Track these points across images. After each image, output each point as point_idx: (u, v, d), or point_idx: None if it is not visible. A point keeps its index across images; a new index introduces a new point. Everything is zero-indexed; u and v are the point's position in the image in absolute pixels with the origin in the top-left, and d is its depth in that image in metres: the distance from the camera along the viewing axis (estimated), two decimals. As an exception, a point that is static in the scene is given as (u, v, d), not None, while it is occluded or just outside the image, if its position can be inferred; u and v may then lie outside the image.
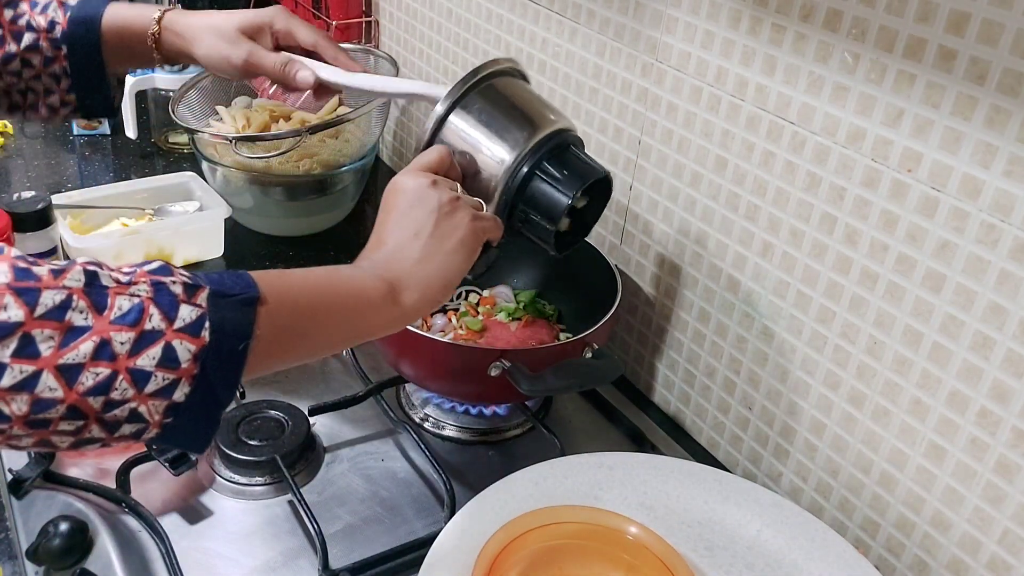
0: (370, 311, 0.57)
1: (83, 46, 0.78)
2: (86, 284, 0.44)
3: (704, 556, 0.71)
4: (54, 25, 0.77)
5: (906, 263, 0.67)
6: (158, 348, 0.45)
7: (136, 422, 0.45)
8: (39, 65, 0.78)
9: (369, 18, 1.42)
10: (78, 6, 0.78)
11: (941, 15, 0.61)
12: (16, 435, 0.43)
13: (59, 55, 0.78)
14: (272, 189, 1.17)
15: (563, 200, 0.67)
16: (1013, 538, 0.65)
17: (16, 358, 0.41)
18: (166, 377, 0.45)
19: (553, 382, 0.77)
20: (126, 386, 0.44)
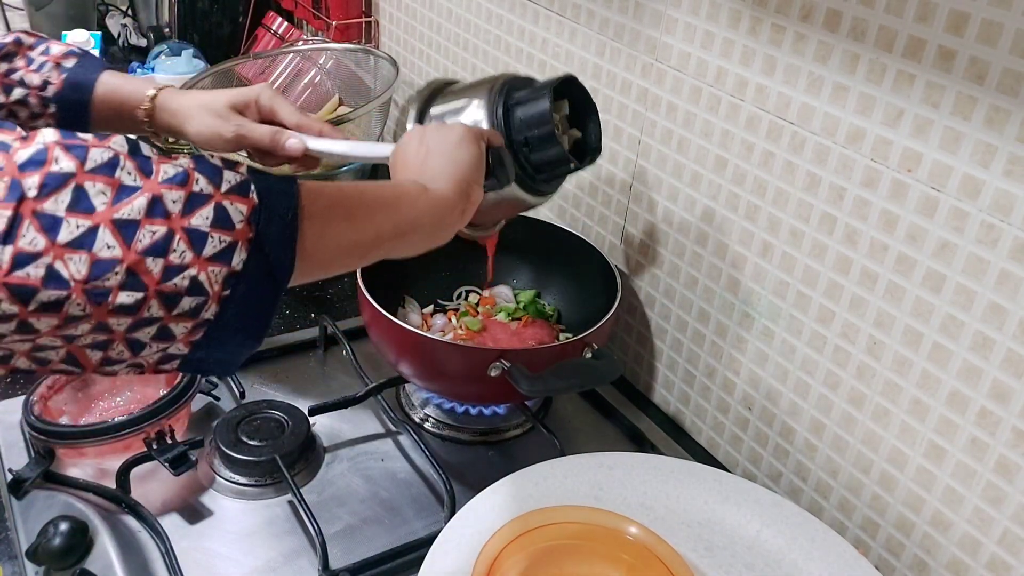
0: (407, 199, 0.59)
1: (73, 109, 0.80)
2: (130, 150, 0.44)
3: (704, 556, 0.71)
4: (47, 85, 0.79)
5: (906, 263, 0.67)
6: (209, 208, 0.44)
7: (196, 294, 0.44)
8: (24, 118, 0.80)
9: (369, 18, 1.42)
10: (74, 70, 0.80)
11: (940, 15, 0.61)
12: (73, 314, 0.42)
13: (46, 112, 0.80)
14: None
15: (544, 105, 0.72)
16: (1013, 538, 0.65)
17: (71, 212, 0.40)
18: (223, 239, 0.44)
19: (553, 382, 0.77)
20: (184, 247, 0.43)
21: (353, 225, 0.53)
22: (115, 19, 1.77)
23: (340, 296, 1.11)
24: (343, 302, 1.10)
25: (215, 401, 0.89)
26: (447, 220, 0.62)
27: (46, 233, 0.40)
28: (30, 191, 0.40)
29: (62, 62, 0.80)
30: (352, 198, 0.54)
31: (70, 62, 0.80)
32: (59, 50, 0.80)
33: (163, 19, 1.66)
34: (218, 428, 0.83)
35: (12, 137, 0.42)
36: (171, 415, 0.80)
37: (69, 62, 0.80)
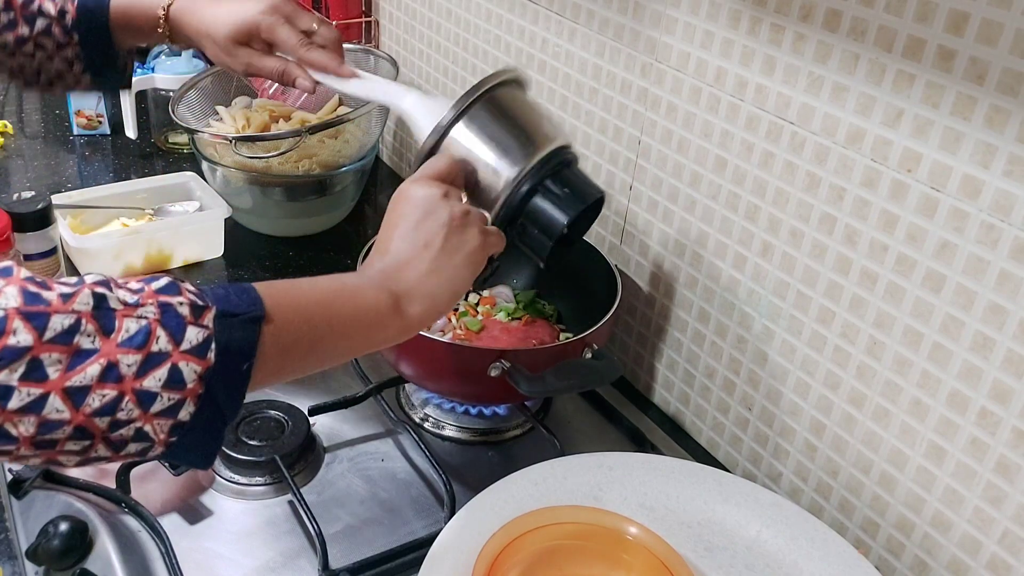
0: (376, 325, 0.57)
1: (93, 33, 0.80)
2: (94, 307, 0.44)
3: (704, 556, 0.71)
4: (64, 13, 0.79)
5: (906, 263, 0.67)
6: (164, 370, 0.45)
7: (141, 441, 0.46)
8: (52, 48, 0.80)
9: (369, 18, 1.42)
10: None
11: (940, 15, 0.61)
12: (23, 455, 0.44)
13: (71, 41, 0.80)
14: (272, 189, 1.17)
15: (562, 218, 0.69)
16: (1013, 538, 0.65)
17: (24, 381, 0.42)
18: (171, 397, 0.45)
19: (553, 383, 0.77)
20: (132, 406, 0.44)
21: (310, 356, 0.53)
22: None
23: (340, 296, 1.11)
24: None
25: (215, 401, 0.89)
26: (408, 337, 0.60)
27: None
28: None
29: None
30: (318, 330, 0.53)
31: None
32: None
33: (163, 19, 1.65)
34: (218, 428, 0.83)
35: None
36: (171, 415, 0.80)
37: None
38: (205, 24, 0.80)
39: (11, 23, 0.79)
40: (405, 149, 1.43)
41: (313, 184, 1.18)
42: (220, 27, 0.79)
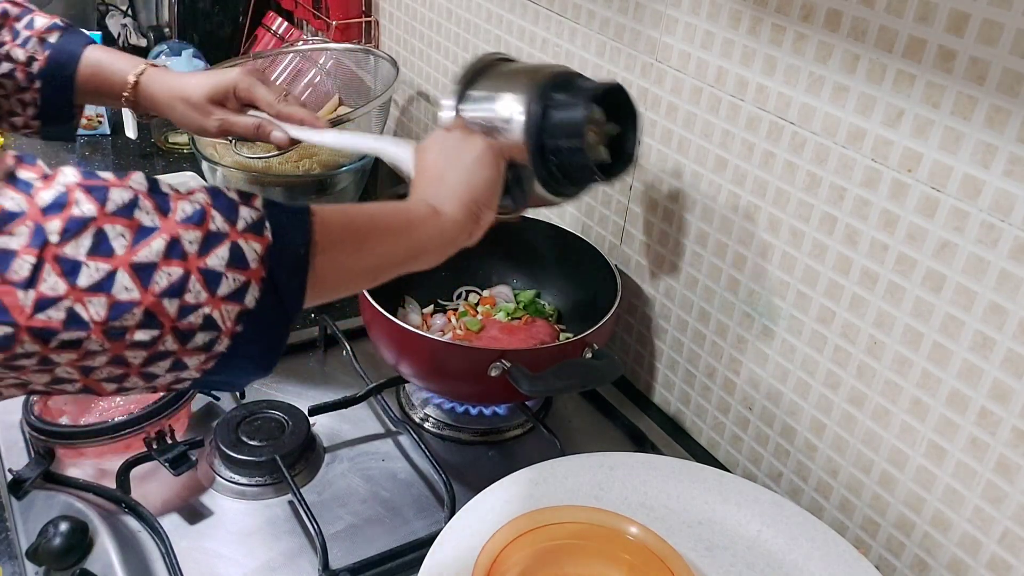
0: (417, 223, 0.60)
1: (57, 85, 0.81)
2: (150, 188, 0.45)
3: (704, 556, 0.71)
4: (32, 61, 0.79)
5: (906, 263, 0.67)
6: (225, 248, 0.45)
7: (209, 330, 0.45)
8: (10, 89, 0.80)
9: (369, 18, 1.42)
10: (58, 46, 0.80)
11: (941, 15, 0.61)
12: (92, 350, 0.43)
13: (32, 87, 0.80)
14: (272, 189, 1.17)
15: (579, 115, 0.70)
16: (1013, 538, 0.65)
17: (92, 256, 0.41)
18: (237, 279, 0.45)
19: (553, 382, 0.77)
20: (199, 288, 0.44)
21: (364, 253, 0.54)
22: (115, 19, 1.77)
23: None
24: (343, 302, 1.10)
25: (215, 401, 0.89)
26: (456, 242, 0.63)
27: (66, 277, 0.41)
28: (52, 236, 0.41)
29: (46, 37, 0.80)
30: (364, 227, 0.55)
31: (54, 37, 0.80)
32: (43, 23, 0.80)
33: (163, 19, 1.66)
34: (218, 428, 0.83)
35: (35, 175, 0.42)
36: (171, 415, 0.80)
37: (53, 37, 0.80)
38: (177, 88, 0.82)
39: None
40: (405, 149, 1.43)
41: (313, 184, 1.18)
42: (196, 88, 0.82)
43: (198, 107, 0.82)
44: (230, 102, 0.83)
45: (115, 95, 0.83)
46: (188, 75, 0.84)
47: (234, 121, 0.83)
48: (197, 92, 0.81)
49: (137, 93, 0.82)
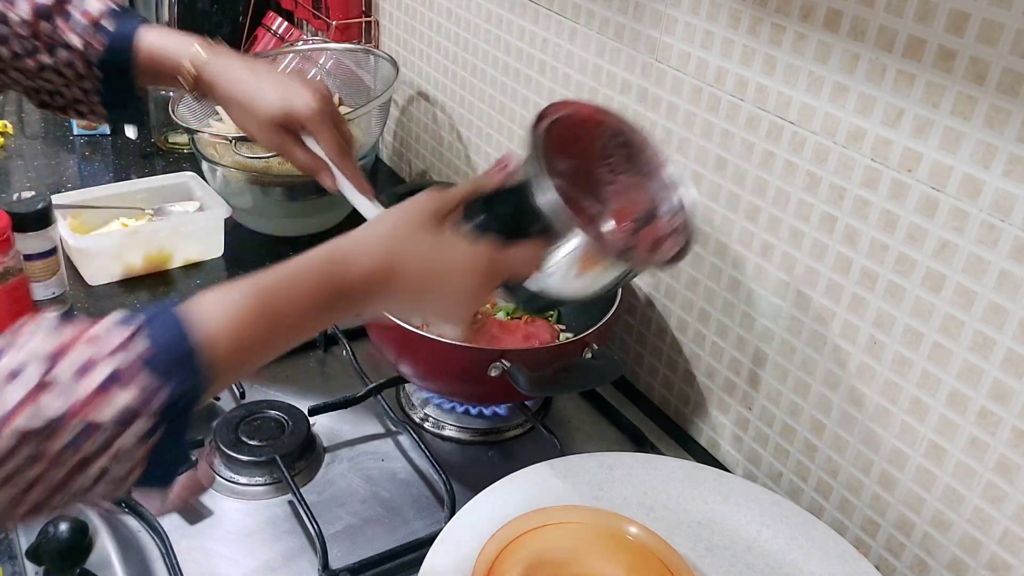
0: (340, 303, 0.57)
1: (117, 73, 0.79)
2: None
3: (704, 556, 0.71)
4: (89, 47, 0.78)
5: (906, 263, 0.67)
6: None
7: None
8: (72, 77, 0.79)
9: (369, 18, 1.42)
10: (115, 34, 0.78)
11: (941, 15, 0.61)
12: None
13: (92, 74, 0.79)
14: (272, 189, 1.17)
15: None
16: (1013, 538, 0.65)
17: None
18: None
19: (553, 382, 0.77)
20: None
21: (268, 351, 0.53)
22: None
23: (340, 296, 1.11)
24: (343, 302, 1.09)
25: (215, 401, 0.89)
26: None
27: None
28: None
29: (101, 21, 0.78)
30: (262, 336, 0.53)
31: (108, 21, 0.78)
32: (97, 8, 0.78)
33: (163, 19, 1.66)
34: (218, 428, 0.83)
35: None
36: (171, 415, 0.80)
37: (107, 21, 0.78)
38: (246, 98, 0.79)
39: (33, 49, 0.77)
40: (405, 149, 1.43)
41: (313, 184, 1.17)
42: (265, 107, 0.78)
43: (262, 124, 0.79)
44: (295, 129, 0.80)
45: (172, 76, 0.80)
46: (258, 76, 0.79)
47: (292, 152, 0.81)
48: (266, 112, 0.78)
49: (198, 84, 0.80)
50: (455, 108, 1.25)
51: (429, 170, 1.37)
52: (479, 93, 1.17)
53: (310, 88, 0.80)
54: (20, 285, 0.94)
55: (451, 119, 1.26)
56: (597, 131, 0.70)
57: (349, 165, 0.82)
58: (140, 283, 1.09)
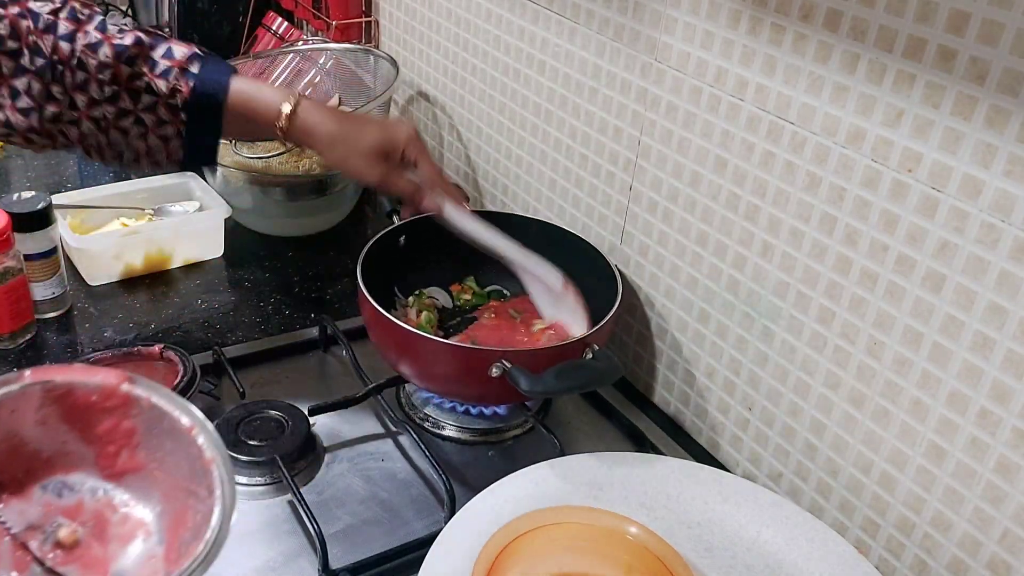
0: None
1: (203, 118, 0.78)
2: None
3: (704, 556, 0.71)
4: (175, 93, 0.76)
5: (906, 263, 0.67)
6: None
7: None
8: (151, 126, 0.78)
9: (369, 18, 1.42)
10: (202, 79, 0.77)
11: (941, 15, 0.61)
12: None
13: (176, 119, 0.78)
14: (272, 189, 1.17)
15: None
16: (1013, 538, 0.65)
17: None
18: None
19: (553, 383, 0.77)
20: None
21: None
22: (115, 19, 1.76)
23: (340, 296, 1.11)
24: (343, 302, 1.10)
25: (215, 401, 0.89)
26: None
27: None
28: None
29: (188, 67, 0.77)
30: None
31: (195, 66, 0.77)
32: (182, 53, 0.77)
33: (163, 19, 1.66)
34: (218, 428, 0.83)
35: None
36: (171, 415, 0.80)
37: (194, 67, 0.77)
38: (342, 129, 0.83)
39: (113, 96, 0.75)
40: (405, 149, 1.43)
41: (313, 184, 1.18)
42: (369, 138, 0.83)
43: (363, 155, 0.83)
44: (394, 157, 0.85)
45: (266, 126, 0.80)
46: (353, 116, 0.85)
47: (396, 180, 0.86)
48: (365, 141, 0.83)
49: (291, 126, 0.81)
50: (455, 108, 1.25)
51: (429, 170, 1.37)
52: (479, 93, 1.17)
53: (401, 121, 0.89)
54: (20, 285, 0.94)
55: (451, 119, 1.27)
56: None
57: (446, 185, 0.90)
58: (140, 283, 1.09)
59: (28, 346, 0.97)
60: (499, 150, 1.16)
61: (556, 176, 1.06)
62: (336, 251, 1.20)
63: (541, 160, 1.08)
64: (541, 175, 1.09)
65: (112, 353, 0.86)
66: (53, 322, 1.01)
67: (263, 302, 1.08)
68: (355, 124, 0.84)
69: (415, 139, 0.87)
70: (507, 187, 1.17)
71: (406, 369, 0.85)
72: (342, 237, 1.24)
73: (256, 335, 1.02)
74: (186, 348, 0.87)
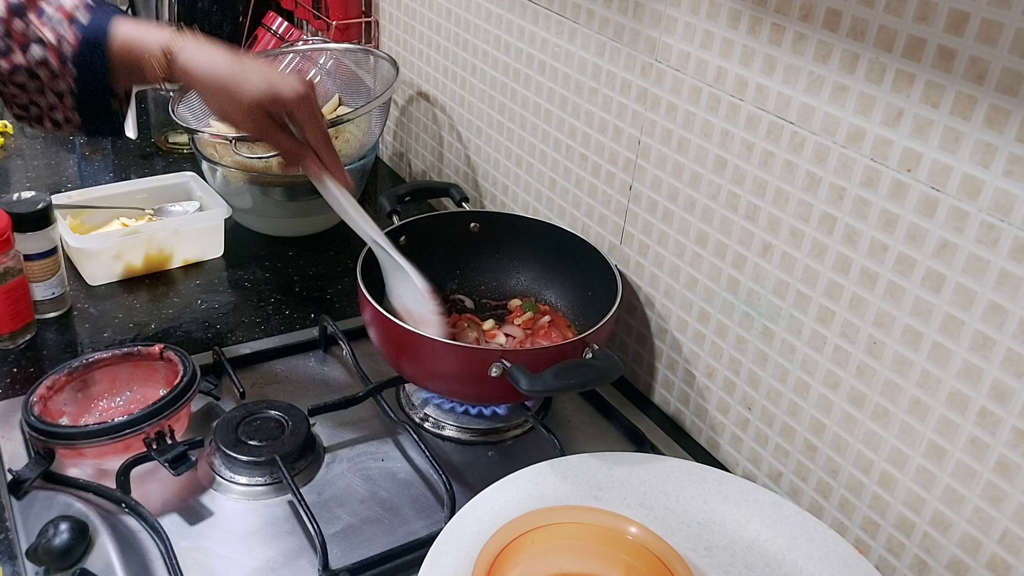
0: None
1: (91, 69, 0.76)
2: None
3: (704, 556, 0.71)
4: (62, 42, 0.75)
5: (906, 263, 0.67)
6: None
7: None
8: (45, 79, 0.77)
9: (369, 18, 1.42)
10: (89, 26, 0.76)
11: (940, 15, 0.61)
12: None
13: (66, 72, 0.76)
14: (272, 189, 1.17)
15: None
16: (1013, 538, 0.65)
17: None
18: None
19: (553, 382, 0.77)
20: None
21: None
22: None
23: (340, 296, 1.11)
24: (343, 302, 1.10)
25: (215, 401, 0.89)
26: None
27: None
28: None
29: (75, 15, 0.75)
30: None
31: (83, 15, 0.76)
32: (72, 3, 0.76)
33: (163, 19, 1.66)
34: (218, 428, 0.83)
35: None
36: (171, 415, 0.80)
37: (82, 15, 0.76)
38: (230, 81, 0.77)
39: (7, 49, 0.75)
40: (405, 149, 1.43)
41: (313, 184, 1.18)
42: (251, 90, 0.77)
43: (247, 107, 0.78)
44: (277, 114, 0.80)
45: (151, 67, 0.77)
46: (241, 62, 0.78)
47: (276, 137, 0.80)
48: (252, 94, 0.77)
49: (173, 68, 0.77)
50: (455, 108, 1.25)
51: (429, 170, 1.37)
52: (479, 93, 1.17)
53: (294, 75, 0.80)
54: (20, 285, 0.94)
55: (451, 119, 1.27)
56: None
57: (332, 154, 0.83)
58: (140, 283, 1.09)
59: (28, 346, 0.97)
60: (499, 150, 1.16)
61: (556, 176, 1.06)
62: (336, 251, 1.20)
63: (541, 160, 1.08)
64: (541, 175, 1.09)
65: (112, 353, 0.86)
66: (53, 322, 1.01)
67: (263, 302, 1.08)
68: (241, 74, 0.77)
69: (304, 99, 0.79)
70: (507, 187, 1.17)
71: (406, 369, 0.85)
72: (342, 237, 1.24)
73: (256, 335, 1.02)
74: (186, 348, 0.87)
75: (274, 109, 0.79)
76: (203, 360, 0.92)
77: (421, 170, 1.40)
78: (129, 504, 0.76)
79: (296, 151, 0.82)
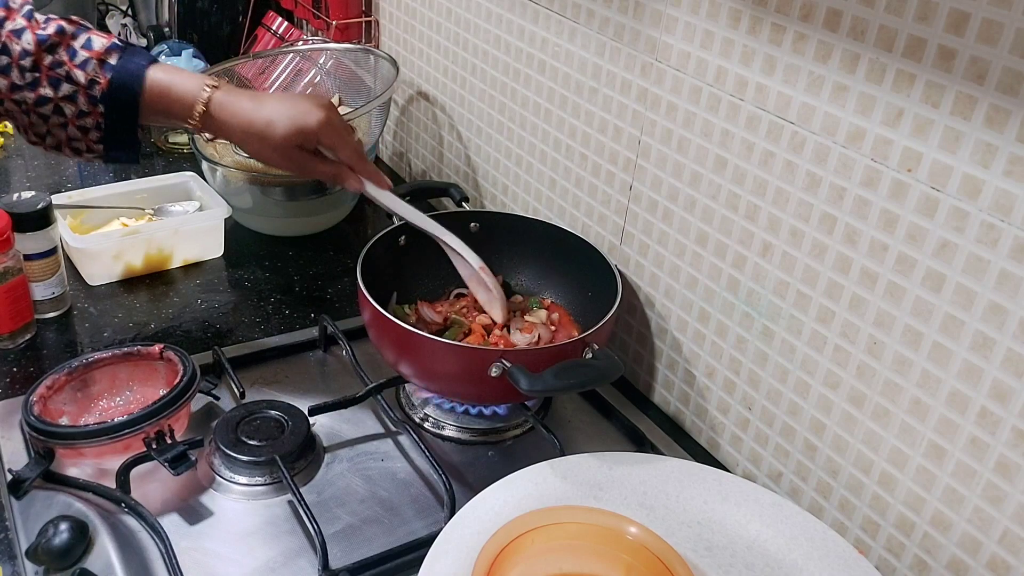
0: None
1: (121, 110, 0.79)
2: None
3: (704, 556, 0.71)
4: (94, 84, 0.78)
5: (906, 263, 0.67)
6: None
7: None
8: (71, 116, 0.79)
9: (369, 18, 1.42)
10: (120, 68, 0.78)
11: (941, 15, 0.61)
12: None
13: (95, 111, 0.79)
14: (272, 189, 1.17)
15: None
16: (1013, 538, 0.64)
17: None
18: None
19: (553, 382, 0.76)
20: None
21: None
22: (115, 19, 1.77)
23: (340, 296, 1.11)
24: (343, 302, 1.10)
25: (215, 401, 0.89)
26: None
27: None
28: None
29: (107, 58, 0.78)
30: None
31: (114, 58, 0.78)
32: (101, 44, 0.78)
33: (163, 19, 1.66)
34: (218, 428, 0.83)
35: None
36: (171, 415, 0.80)
37: (113, 58, 0.78)
38: (257, 127, 0.81)
39: (34, 82, 0.77)
40: (405, 149, 1.43)
41: (313, 184, 1.18)
42: (280, 134, 0.82)
43: (279, 148, 0.82)
44: (308, 146, 0.84)
45: (182, 121, 0.81)
46: (264, 107, 0.82)
47: (314, 167, 0.86)
48: (279, 133, 0.81)
49: (205, 122, 0.81)
50: (455, 108, 1.25)
51: (429, 170, 1.37)
52: (479, 93, 1.17)
53: (314, 102, 0.84)
54: (20, 285, 0.94)
55: (451, 119, 1.27)
56: None
57: (366, 165, 0.88)
58: (140, 283, 1.09)
59: (28, 346, 0.97)
60: (499, 150, 1.16)
61: (556, 176, 1.06)
62: (336, 251, 1.20)
63: (541, 160, 1.08)
64: (541, 175, 1.09)
65: (112, 353, 0.86)
66: (53, 322, 1.01)
67: (263, 302, 1.08)
68: (265, 117, 0.81)
69: (329, 123, 0.84)
70: (507, 187, 1.17)
71: (406, 369, 0.85)
72: (342, 237, 1.24)
73: (256, 335, 1.02)
74: (186, 348, 0.87)
75: (305, 143, 0.84)
76: (203, 360, 0.92)
77: (421, 170, 1.40)
78: (129, 504, 0.76)
79: (334, 172, 0.87)
